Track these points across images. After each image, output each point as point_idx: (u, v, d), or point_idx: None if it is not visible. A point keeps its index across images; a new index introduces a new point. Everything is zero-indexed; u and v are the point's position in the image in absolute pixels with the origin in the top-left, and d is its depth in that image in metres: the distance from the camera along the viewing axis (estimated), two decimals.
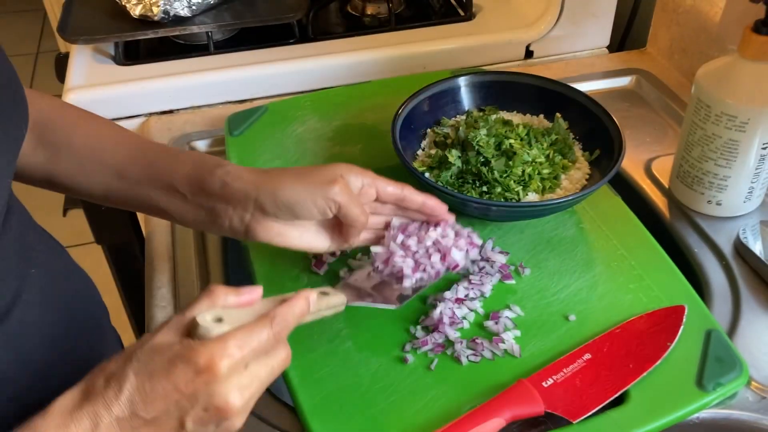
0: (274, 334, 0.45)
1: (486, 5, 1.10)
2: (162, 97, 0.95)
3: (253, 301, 0.48)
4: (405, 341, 0.61)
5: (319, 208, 0.56)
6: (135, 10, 0.95)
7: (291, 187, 0.56)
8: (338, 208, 0.56)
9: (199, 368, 0.42)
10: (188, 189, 0.58)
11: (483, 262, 0.68)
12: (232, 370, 0.43)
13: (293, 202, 0.55)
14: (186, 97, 0.96)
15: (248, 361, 0.44)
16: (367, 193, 0.59)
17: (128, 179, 0.60)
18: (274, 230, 0.57)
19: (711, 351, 0.59)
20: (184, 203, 0.59)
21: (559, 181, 0.72)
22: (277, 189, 0.56)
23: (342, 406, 0.56)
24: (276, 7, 1.03)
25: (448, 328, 0.61)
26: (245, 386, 0.44)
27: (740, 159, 0.70)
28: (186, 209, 0.59)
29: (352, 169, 0.58)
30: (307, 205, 0.56)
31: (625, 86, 0.98)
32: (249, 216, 0.57)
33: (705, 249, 0.72)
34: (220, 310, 0.46)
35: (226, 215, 0.57)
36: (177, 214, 0.60)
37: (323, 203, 0.56)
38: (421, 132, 0.79)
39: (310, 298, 0.49)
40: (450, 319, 0.62)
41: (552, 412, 0.55)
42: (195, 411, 0.42)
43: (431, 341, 0.61)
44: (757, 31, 0.66)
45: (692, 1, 0.93)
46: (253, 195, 0.56)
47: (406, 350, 0.61)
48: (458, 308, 0.63)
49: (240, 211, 0.57)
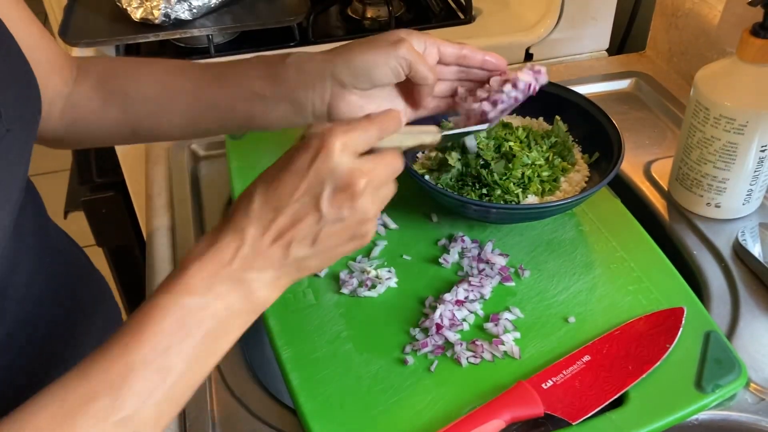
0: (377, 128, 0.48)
1: (486, 8, 1.10)
2: None
3: None
4: (405, 343, 0.61)
5: (392, 68, 0.57)
6: (136, 14, 0.96)
7: (362, 54, 0.57)
8: (409, 66, 0.57)
9: (315, 150, 0.44)
10: (267, 88, 0.59)
11: (483, 264, 0.68)
12: (345, 148, 0.45)
13: (368, 66, 0.57)
14: None
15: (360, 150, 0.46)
16: (431, 54, 0.60)
17: (204, 99, 0.61)
18: (355, 104, 0.59)
19: (710, 353, 0.59)
20: (266, 103, 0.60)
21: (559, 183, 0.72)
22: (349, 59, 0.57)
23: (342, 407, 0.57)
24: (276, 10, 1.03)
25: (448, 330, 0.62)
26: (365, 168, 0.45)
27: (739, 161, 0.70)
28: (269, 108, 0.60)
29: (412, 33, 0.59)
30: (380, 67, 0.57)
31: (624, 89, 0.99)
32: (329, 94, 0.58)
33: (704, 251, 0.73)
34: None
35: (308, 99, 0.59)
36: (262, 117, 0.61)
37: (395, 62, 0.57)
38: None
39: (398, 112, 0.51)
40: (450, 321, 0.62)
41: (551, 413, 0.55)
42: (325, 194, 0.45)
43: (431, 343, 0.61)
44: (755, 34, 0.66)
45: (691, 5, 0.94)
46: (329, 69, 0.58)
47: (406, 352, 0.61)
48: (458, 310, 0.63)
49: (320, 90, 0.58)
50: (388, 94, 0.61)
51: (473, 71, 0.63)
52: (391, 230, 0.73)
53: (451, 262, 0.69)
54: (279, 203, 0.45)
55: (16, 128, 0.47)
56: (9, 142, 0.47)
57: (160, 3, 0.95)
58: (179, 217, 0.79)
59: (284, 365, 0.60)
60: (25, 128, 0.49)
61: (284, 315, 0.64)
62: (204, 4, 0.98)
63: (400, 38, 0.58)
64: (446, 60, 0.62)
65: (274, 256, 0.45)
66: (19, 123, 0.48)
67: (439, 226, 0.73)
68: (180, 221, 0.79)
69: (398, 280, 0.67)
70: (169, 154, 0.89)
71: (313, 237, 0.46)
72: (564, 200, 0.66)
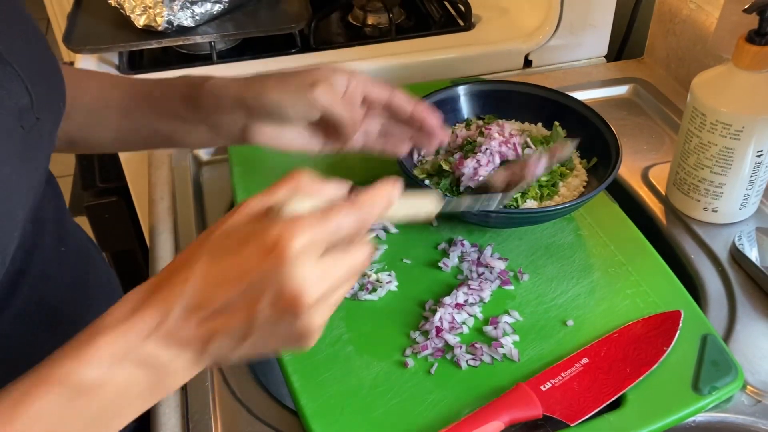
0: (355, 220, 0.40)
1: (485, 15, 1.11)
2: None
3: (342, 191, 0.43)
4: (405, 346, 0.62)
5: (302, 110, 0.56)
6: (139, 21, 0.97)
7: (274, 91, 0.57)
8: (322, 109, 0.56)
9: (268, 246, 0.37)
10: (187, 110, 0.61)
11: (482, 268, 0.69)
12: (303, 253, 0.38)
13: (277, 105, 0.57)
14: None
15: (324, 249, 0.39)
16: (354, 94, 0.58)
17: (133, 116, 0.62)
18: (268, 133, 0.59)
19: (707, 355, 0.60)
20: (187, 125, 0.61)
21: (557, 188, 0.73)
22: (261, 94, 0.57)
23: (343, 409, 0.57)
24: (278, 17, 1.04)
25: (448, 333, 0.62)
26: (319, 278, 0.39)
27: (735, 166, 0.71)
28: (189, 130, 0.61)
29: (336, 70, 0.58)
30: (290, 108, 0.57)
31: (622, 95, 0.99)
32: (243, 121, 0.59)
33: (701, 255, 0.73)
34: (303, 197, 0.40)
35: (223, 124, 0.60)
36: (182, 138, 0.62)
37: (304, 105, 0.56)
38: None
39: (395, 184, 0.43)
40: (450, 324, 0.63)
41: (550, 415, 0.56)
42: (265, 299, 0.38)
43: (431, 346, 0.61)
44: (751, 41, 0.67)
45: (688, 12, 0.95)
46: (241, 99, 0.58)
47: (406, 355, 0.61)
48: (458, 313, 0.64)
49: (234, 117, 0.59)
50: (306, 126, 0.61)
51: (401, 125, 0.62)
52: (392, 234, 0.74)
53: (450, 266, 0.69)
54: (216, 288, 0.38)
55: (44, 117, 0.49)
56: (39, 130, 0.48)
57: (163, 10, 0.96)
58: (182, 222, 0.80)
59: (286, 367, 0.60)
60: (51, 118, 0.51)
61: None
62: (206, 12, 0.99)
63: (317, 79, 0.57)
64: (372, 104, 0.60)
65: (194, 342, 0.40)
66: (47, 112, 0.50)
67: (438, 231, 0.74)
68: (182, 225, 0.80)
69: (398, 283, 0.68)
70: (171, 159, 0.90)
71: (239, 337, 0.40)
72: (562, 205, 0.67)
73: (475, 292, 0.66)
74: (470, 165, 0.69)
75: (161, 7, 0.96)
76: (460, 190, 0.71)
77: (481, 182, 0.68)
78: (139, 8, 0.97)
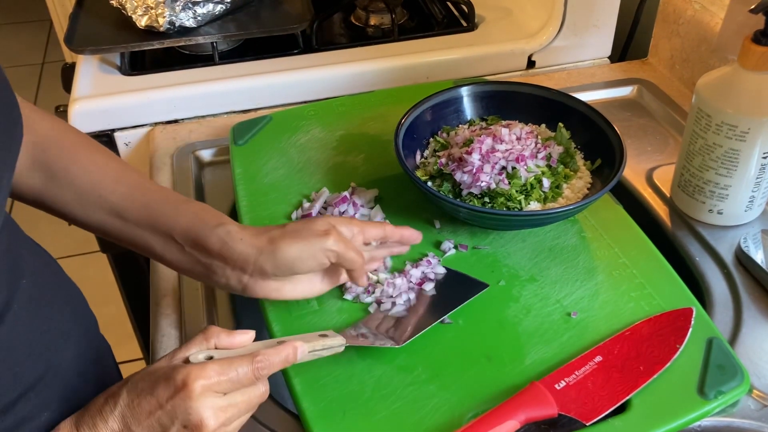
0: (253, 370, 0.49)
1: (488, 16, 1.11)
2: (167, 106, 0.96)
3: (243, 343, 0.52)
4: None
5: (318, 260, 0.58)
6: (141, 21, 0.96)
7: (289, 247, 0.58)
8: (336, 256, 0.59)
9: (177, 385, 0.47)
10: (186, 242, 0.59)
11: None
12: (207, 390, 0.47)
13: (293, 260, 0.58)
14: (191, 107, 0.97)
15: (225, 388, 0.48)
16: (357, 239, 0.62)
17: (126, 219, 0.60)
18: (271, 287, 0.60)
19: (712, 359, 0.59)
20: (181, 254, 0.60)
21: (561, 190, 0.72)
22: (276, 251, 0.58)
23: (345, 413, 0.57)
24: (280, 18, 1.04)
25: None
26: (221, 408, 0.48)
27: (741, 168, 0.71)
28: (182, 259, 0.60)
29: (339, 221, 0.61)
30: (306, 260, 0.58)
31: (626, 96, 0.99)
32: (247, 277, 0.59)
33: (706, 257, 0.73)
34: (213, 350, 0.51)
35: (224, 274, 0.59)
36: (173, 262, 0.61)
37: (321, 255, 0.58)
38: (423, 141, 0.79)
39: (299, 349, 0.52)
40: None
41: (565, 414, 0.55)
42: (175, 427, 0.47)
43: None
44: (757, 41, 0.66)
45: (693, 12, 0.94)
46: (253, 258, 0.58)
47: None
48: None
49: (238, 272, 0.59)
50: (308, 276, 0.62)
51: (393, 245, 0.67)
52: None
53: None
54: (134, 423, 0.47)
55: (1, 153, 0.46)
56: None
57: (165, 11, 0.96)
58: None
59: (287, 370, 0.60)
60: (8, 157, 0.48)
61: (288, 321, 0.64)
62: (208, 12, 0.99)
63: (329, 227, 0.59)
64: (370, 241, 0.64)
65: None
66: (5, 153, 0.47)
67: (441, 233, 0.73)
68: None
69: None
70: (173, 161, 0.89)
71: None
72: (566, 207, 0.67)
73: None
74: (464, 177, 0.70)
75: (163, 8, 0.96)
76: (461, 194, 0.71)
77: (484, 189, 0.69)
78: (140, 9, 0.97)
